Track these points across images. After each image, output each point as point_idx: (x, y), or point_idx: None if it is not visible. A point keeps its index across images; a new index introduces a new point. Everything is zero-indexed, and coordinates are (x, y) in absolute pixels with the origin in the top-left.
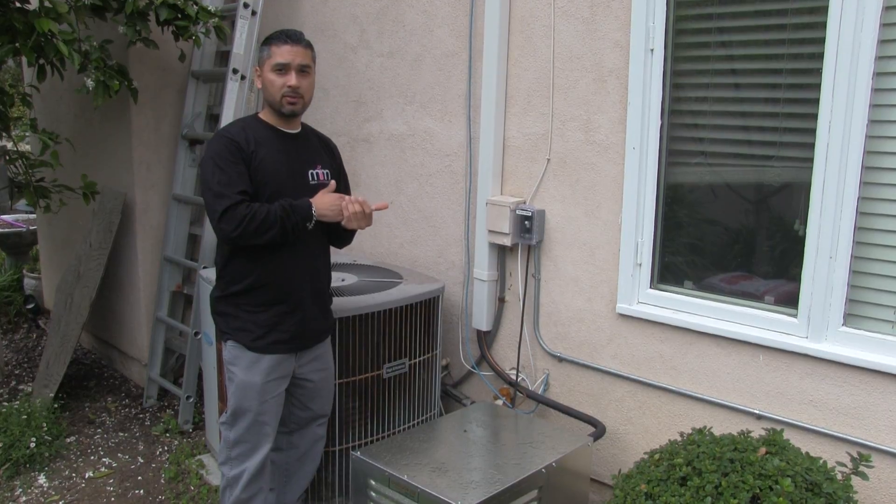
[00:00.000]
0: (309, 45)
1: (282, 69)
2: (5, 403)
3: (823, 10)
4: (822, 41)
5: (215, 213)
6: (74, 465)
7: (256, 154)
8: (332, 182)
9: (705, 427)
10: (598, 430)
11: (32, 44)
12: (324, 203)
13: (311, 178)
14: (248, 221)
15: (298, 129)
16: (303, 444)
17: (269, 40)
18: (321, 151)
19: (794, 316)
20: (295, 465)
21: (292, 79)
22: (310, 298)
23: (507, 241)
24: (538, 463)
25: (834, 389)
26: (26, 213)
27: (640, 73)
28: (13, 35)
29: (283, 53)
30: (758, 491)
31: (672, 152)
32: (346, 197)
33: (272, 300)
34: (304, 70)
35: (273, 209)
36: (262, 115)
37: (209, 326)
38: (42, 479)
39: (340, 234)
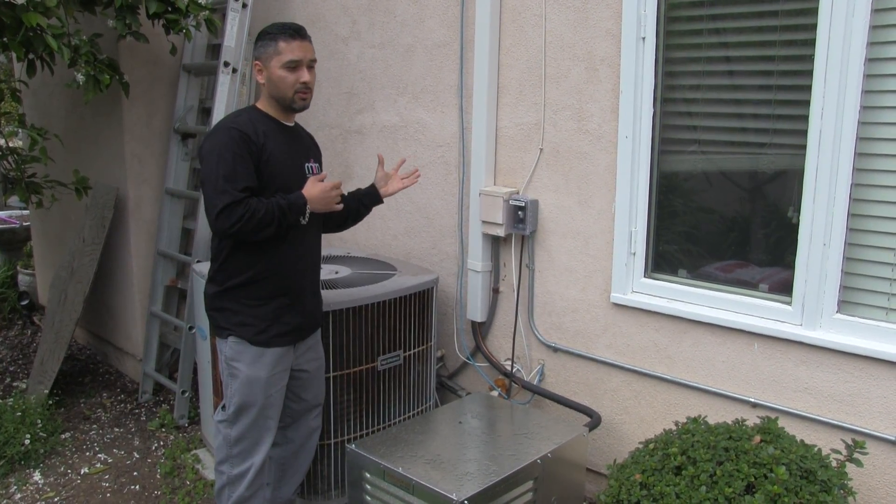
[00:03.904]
0: (310, 39)
1: (294, 66)
2: None
3: None
4: (814, 27)
5: (214, 209)
6: (70, 462)
7: (266, 147)
8: (321, 172)
9: (700, 416)
10: (594, 420)
11: (21, 38)
12: (314, 196)
13: (307, 172)
14: (246, 220)
15: (293, 123)
16: (298, 438)
17: (276, 36)
18: (311, 145)
19: (789, 304)
20: (290, 460)
21: (305, 75)
22: (308, 290)
23: (500, 232)
24: (534, 454)
25: (828, 377)
26: (20, 209)
27: (632, 62)
28: (1, 30)
29: (295, 50)
30: (752, 479)
31: (665, 141)
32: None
33: (274, 293)
34: (312, 65)
35: (271, 207)
36: (261, 108)
37: (203, 321)
38: (37, 476)
39: (335, 219)
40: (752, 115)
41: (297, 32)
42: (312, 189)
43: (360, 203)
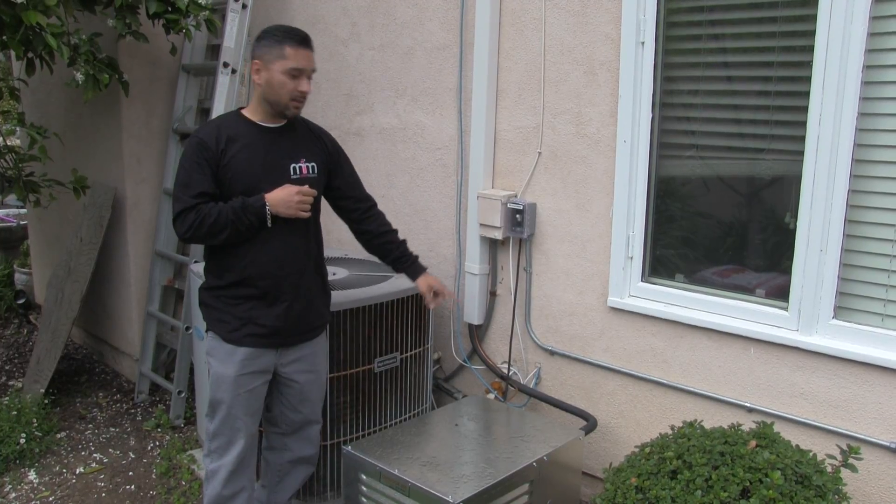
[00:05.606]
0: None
1: (297, 74)
2: None
3: (814, 2)
4: (812, 34)
5: (172, 216)
6: (65, 461)
7: (226, 152)
8: (310, 188)
9: (696, 420)
10: (590, 424)
11: (20, 37)
12: (277, 199)
13: (293, 173)
14: (196, 226)
15: (283, 122)
16: (296, 449)
17: (282, 40)
18: (309, 144)
19: (785, 309)
20: (287, 467)
21: (305, 84)
22: (291, 293)
23: (498, 235)
24: (529, 457)
25: (824, 382)
26: (17, 207)
27: (630, 66)
28: (0, 28)
29: (300, 58)
30: (748, 484)
31: (663, 145)
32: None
33: (250, 294)
34: (312, 75)
35: (224, 212)
36: (245, 110)
37: (200, 321)
38: (32, 476)
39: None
40: (750, 121)
41: (304, 41)
42: (278, 192)
43: (398, 261)
